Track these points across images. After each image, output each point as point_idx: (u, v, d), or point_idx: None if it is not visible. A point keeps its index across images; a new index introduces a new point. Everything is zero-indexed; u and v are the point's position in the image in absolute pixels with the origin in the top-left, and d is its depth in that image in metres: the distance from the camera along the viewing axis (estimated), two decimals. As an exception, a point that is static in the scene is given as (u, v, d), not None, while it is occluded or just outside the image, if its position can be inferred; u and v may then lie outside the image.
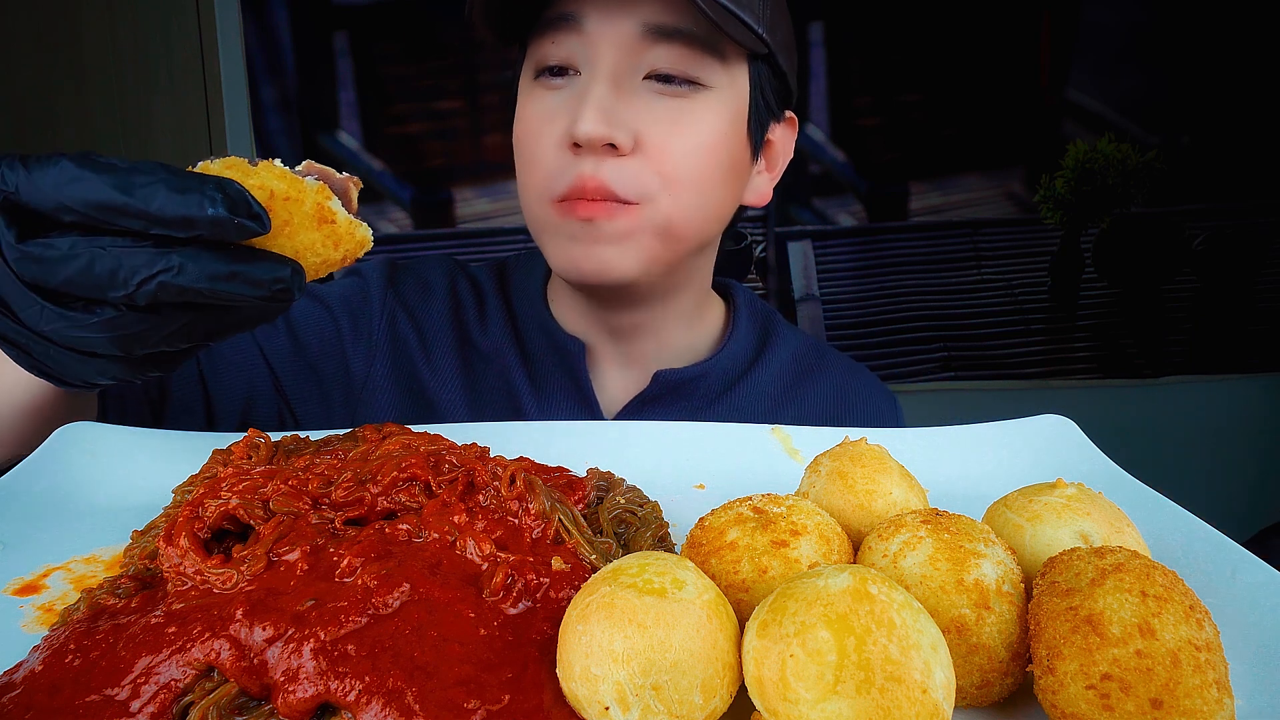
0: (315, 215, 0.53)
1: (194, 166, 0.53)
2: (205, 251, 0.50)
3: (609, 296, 0.93)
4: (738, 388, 1.00)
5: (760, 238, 2.48)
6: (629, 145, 0.82)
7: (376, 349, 1.00)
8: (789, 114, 0.97)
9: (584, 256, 0.86)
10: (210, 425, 0.93)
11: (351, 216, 0.55)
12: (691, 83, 0.84)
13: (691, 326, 1.01)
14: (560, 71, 0.85)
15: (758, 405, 0.98)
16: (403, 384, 0.99)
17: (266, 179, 0.52)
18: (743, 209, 0.99)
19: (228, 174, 0.52)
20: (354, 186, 0.58)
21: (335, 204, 0.54)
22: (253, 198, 0.50)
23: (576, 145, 0.82)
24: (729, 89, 0.86)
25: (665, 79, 0.83)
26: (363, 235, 0.56)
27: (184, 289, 0.50)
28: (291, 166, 0.55)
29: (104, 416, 0.84)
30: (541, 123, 0.86)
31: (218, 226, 0.49)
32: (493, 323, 1.02)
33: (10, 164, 0.50)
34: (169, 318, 0.52)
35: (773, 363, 1.02)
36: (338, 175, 0.57)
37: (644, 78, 0.83)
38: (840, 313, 2.52)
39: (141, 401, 0.89)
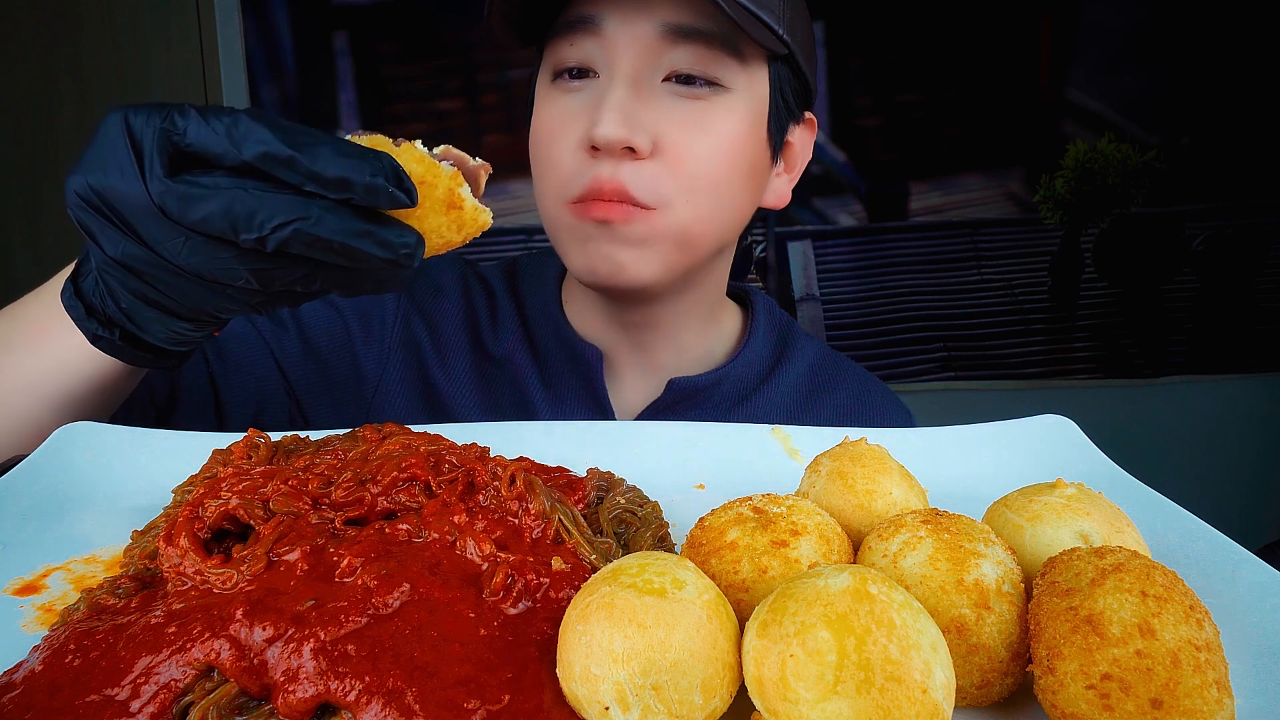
0: (446, 200, 0.56)
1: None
2: (342, 208, 0.53)
3: (623, 295, 0.93)
4: (753, 398, 0.99)
5: (760, 238, 2.48)
6: (647, 148, 0.81)
7: (390, 352, 0.99)
8: (808, 115, 0.96)
9: (601, 259, 0.85)
10: (220, 427, 0.92)
11: (476, 202, 0.58)
12: (711, 84, 0.83)
13: (707, 329, 1.01)
14: (579, 74, 0.85)
15: (772, 416, 0.97)
16: (417, 388, 0.98)
17: (406, 161, 0.55)
18: (760, 211, 0.98)
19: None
20: (484, 173, 0.60)
21: (465, 190, 0.57)
22: (405, 173, 0.53)
23: (595, 148, 0.81)
24: (748, 90, 0.85)
25: (685, 80, 0.83)
26: (484, 219, 0.59)
27: (315, 239, 0.52)
28: (430, 149, 0.58)
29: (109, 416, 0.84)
30: (559, 125, 0.85)
31: (371, 192, 0.52)
32: (505, 328, 1.01)
33: (184, 111, 0.53)
34: (291, 266, 0.55)
35: (789, 374, 1.01)
36: (471, 162, 0.60)
37: (663, 80, 0.83)
38: (840, 313, 2.52)
39: (148, 403, 0.87)
